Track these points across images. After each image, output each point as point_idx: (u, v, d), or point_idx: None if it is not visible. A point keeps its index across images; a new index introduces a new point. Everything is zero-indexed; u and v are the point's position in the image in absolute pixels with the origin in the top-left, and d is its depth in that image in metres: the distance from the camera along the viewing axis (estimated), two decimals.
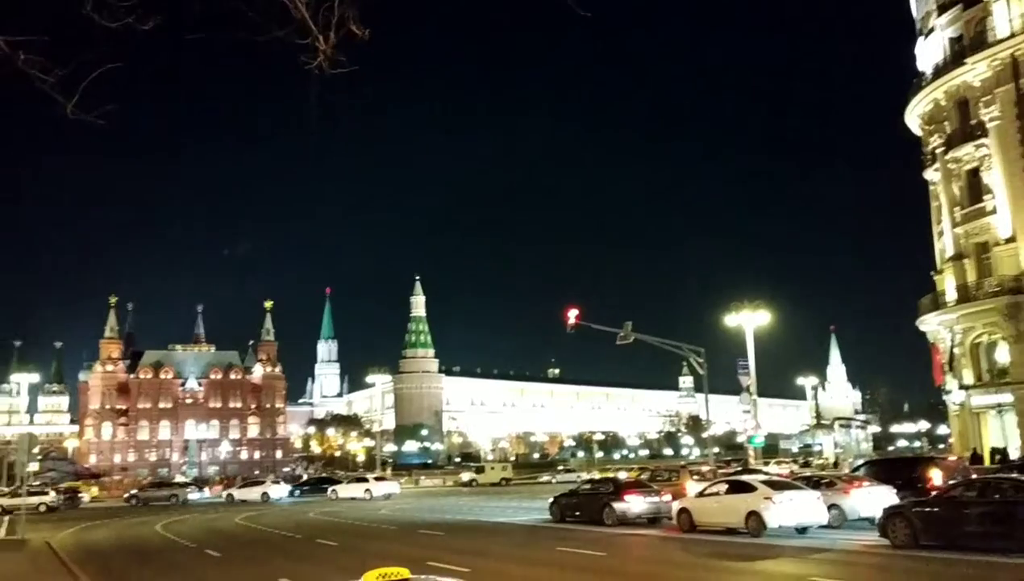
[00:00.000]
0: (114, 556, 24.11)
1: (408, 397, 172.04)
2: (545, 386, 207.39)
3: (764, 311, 42.44)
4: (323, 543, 24.89)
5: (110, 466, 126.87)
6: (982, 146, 44.17)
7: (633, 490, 28.38)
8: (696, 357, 42.57)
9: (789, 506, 21.84)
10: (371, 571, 5.35)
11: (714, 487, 25.13)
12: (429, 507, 43.88)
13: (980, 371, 45.28)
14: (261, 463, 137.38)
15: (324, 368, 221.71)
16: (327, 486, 61.05)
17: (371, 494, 54.75)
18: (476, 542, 24.19)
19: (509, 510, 38.82)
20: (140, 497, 60.71)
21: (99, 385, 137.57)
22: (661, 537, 23.91)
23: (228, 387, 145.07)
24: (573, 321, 38.97)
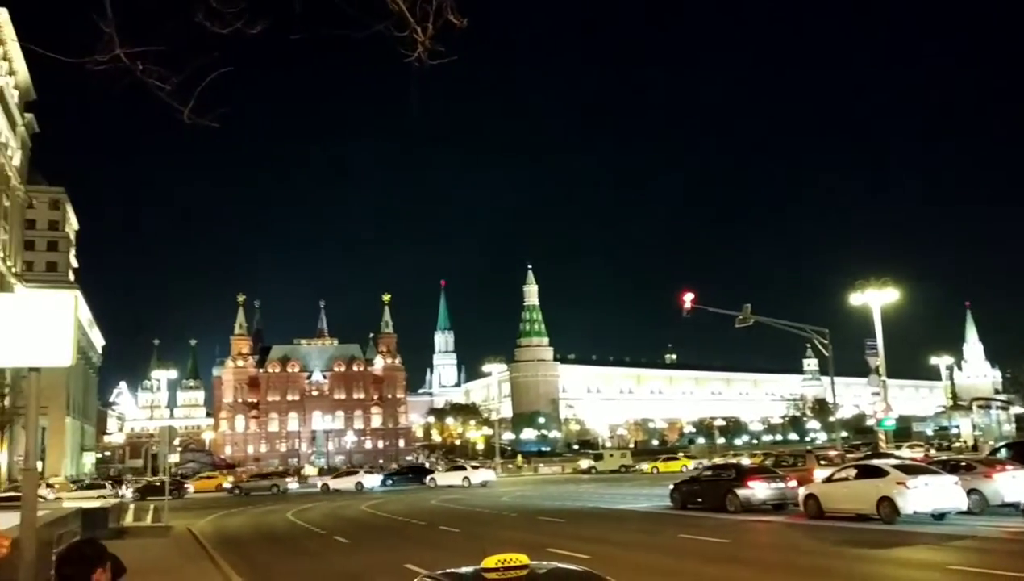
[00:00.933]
0: (249, 542, 25.30)
1: (524, 386, 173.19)
2: (662, 372, 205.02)
3: (892, 288, 40.50)
4: (445, 530, 25.39)
5: (243, 456, 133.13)
6: None
7: (757, 476, 27.72)
8: (820, 338, 41.10)
9: (924, 491, 20.86)
10: (491, 556, 5.39)
11: (842, 472, 24.27)
12: (548, 494, 44.09)
13: None
14: (384, 452, 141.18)
15: (441, 358, 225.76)
16: (416, 476, 63.81)
17: (469, 481, 57.01)
18: (596, 529, 24.13)
19: (629, 497, 38.58)
20: (242, 488, 62.89)
21: (231, 379, 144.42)
22: (787, 524, 23.26)
23: (351, 379, 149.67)
24: (689, 305, 38.25)
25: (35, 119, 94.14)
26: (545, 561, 5.93)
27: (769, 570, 16.16)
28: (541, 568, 5.54)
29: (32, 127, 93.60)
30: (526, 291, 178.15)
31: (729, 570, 16.16)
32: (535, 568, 5.46)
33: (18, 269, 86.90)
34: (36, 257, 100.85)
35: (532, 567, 5.44)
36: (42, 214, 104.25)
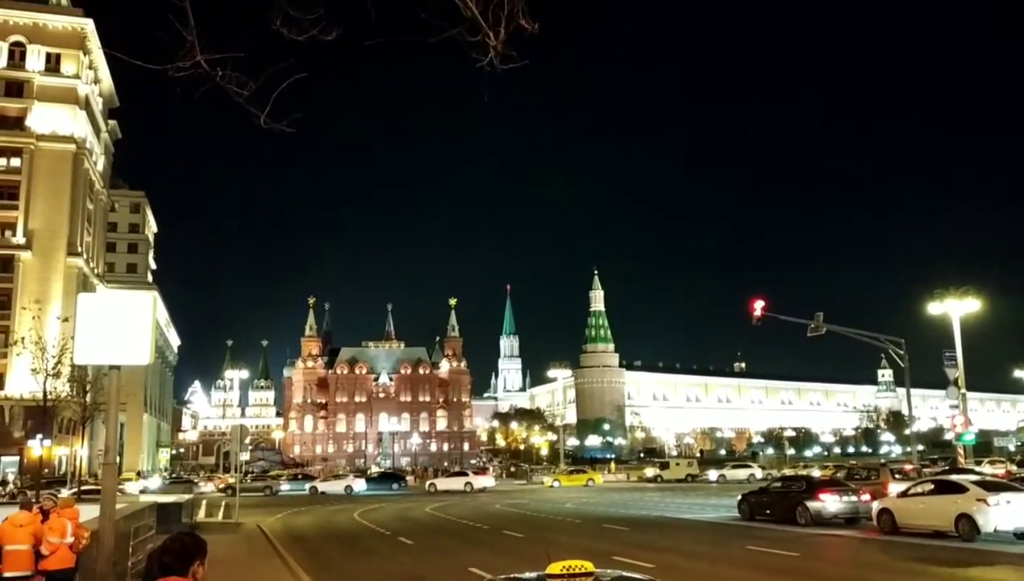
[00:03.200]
0: (316, 541, 25.74)
1: (589, 392, 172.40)
2: (731, 380, 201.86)
3: (973, 298, 39.15)
4: (509, 534, 25.41)
5: (312, 456, 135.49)
6: None
7: (828, 488, 27.02)
8: (896, 349, 39.97)
9: (1006, 509, 20.05)
10: (556, 563, 5.36)
11: (918, 487, 23.50)
12: (613, 502, 43.78)
13: None
14: (449, 455, 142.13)
15: (507, 363, 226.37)
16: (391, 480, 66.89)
17: (471, 487, 58.40)
18: (661, 538, 23.86)
19: (695, 507, 38.04)
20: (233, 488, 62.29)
21: (301, 380, 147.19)
22: (860, 538, 22.61)
23: (417, 382, 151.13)
24: (759, 313, 37.58)
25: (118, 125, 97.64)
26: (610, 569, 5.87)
27: None
28: (606, 575, 5.47)
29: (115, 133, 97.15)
30: (592, 297, 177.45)
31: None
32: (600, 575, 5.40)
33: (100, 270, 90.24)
34: (117, 258, 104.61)
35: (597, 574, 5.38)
36: (123, 217, 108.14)
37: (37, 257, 74.75)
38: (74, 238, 77.54)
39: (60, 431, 66.38)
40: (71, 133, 77.80)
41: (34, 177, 75.96)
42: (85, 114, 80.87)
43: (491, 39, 5.10)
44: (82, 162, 79.80)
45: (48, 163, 76.18)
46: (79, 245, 78.41)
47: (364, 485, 62.91)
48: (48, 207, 76.03)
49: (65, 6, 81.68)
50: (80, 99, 79.62)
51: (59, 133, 77.15)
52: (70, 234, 76.86)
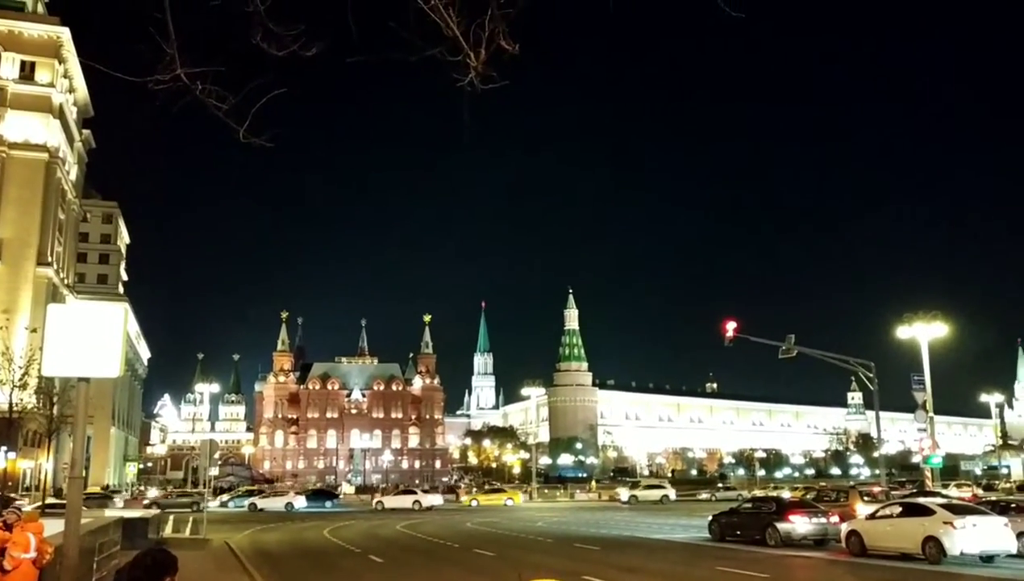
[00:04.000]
0: (285, 558, 25.43)
1: (562, 410, 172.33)
2: (703, 401, 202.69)
3: (941, 323, 39.74)
4: (480, 552, 25.27)
5: (282, 472, 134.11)
6: None
7: (798, 510, 27.19)
8: (865, 372, 40.39)
9: (972, 532, 20.28)
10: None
11: (887, 509, 23.73)
12: (585, 521, 43.71)
13: None
14: (421, 472, 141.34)
15: (480, 380, 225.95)
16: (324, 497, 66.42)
17: (420, 505, 58.65)
18: (632, 558, 23.83)
19: (666, 527, 38.07)
20: (160, 504, 57.58)
21: (272, 395, 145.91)
22: (829, 560, 22.73)
23: (390, 398, 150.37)
24: (731, 334, 37.83)
25: (92, 135, 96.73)
26: None
27: None
28: None
29: (89, 143, 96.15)
30: (567, 315, 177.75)
31: None
32: None
33: (70, 281, 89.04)
34: (88, 269, 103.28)
35: None
36: (95, 228, 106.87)
37: (6, 266, 73.61)
38: (44, 248, 76.46)
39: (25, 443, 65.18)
40: (44, 142, 76.87)
41: (5, 185, 74.88)
42: (59, 123, 79.98)
43: (472, 59, 5.14)
44: (54, 171, 78.84)
45: (20, 171, 75.14)
46: (49, 255, 77.31)
47: (305, 502, 62.15)
48: (19, 216, 74.92)
49: (41, 14, 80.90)
50: (54, 108, 78.75)
51: (32, 141, 76.17)
52: (40, 244, 75.76)
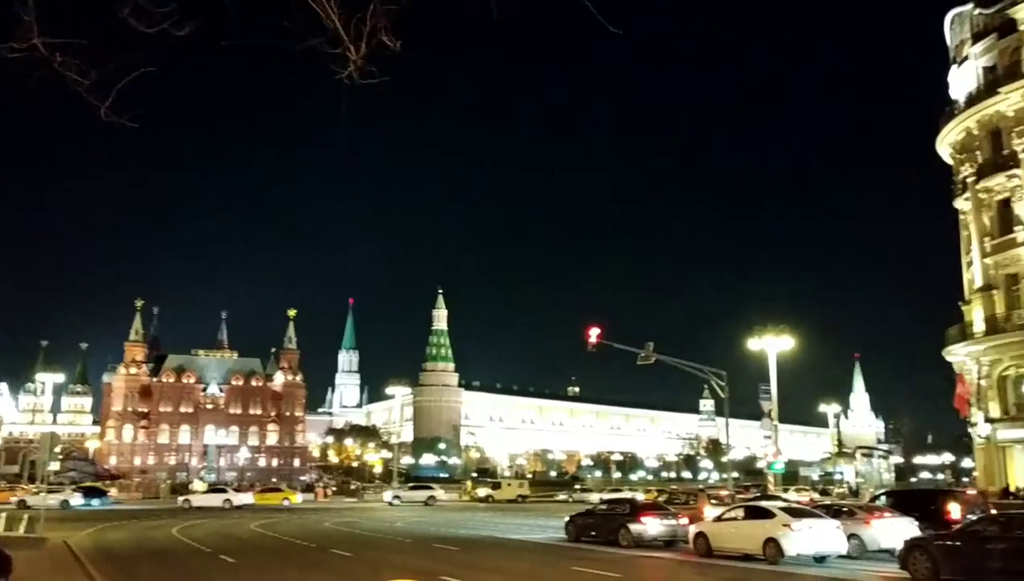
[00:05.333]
0: (130, 558, 24.24)
1: (427, 410, 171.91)
2: (564, 404, 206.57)
3: (788, 336, 42.07)
4: (337, 553, 24.89)
5: (130, 468, 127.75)
6: (1014, 177, 43.66)
7: (650, 512, 28.16)
8: (718, 380, 42.29)
9: (808, 534, 21.57)
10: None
11: (732, 512, 24.88)
12: (444, 521, 43.78)
13: (1007, 404, 44.56)
14: (279, 471, 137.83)
15: (344, 378, 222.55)
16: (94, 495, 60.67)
17: (230, 503, 57.18)
18: (490, 558, 24.06)
19: (525, 527, 38.62)
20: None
21: (122, 387, 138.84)
22: (677, 561, 23.66)
23: (249, 394, 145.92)
24: (595, 339, 38.85)
25: None
26: None
27: None
28: None
29: None
30: (435, 315, 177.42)
31: None
32: None
33: None
34: None
35: None
36: None
37: None
38: None
39: None
40: None
41: None
42: None
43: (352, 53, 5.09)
44: None
45: None
46: None
47: (82, 499, 58.39)
48: None
49: None
50: None
51: None
52: None
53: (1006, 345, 43.39)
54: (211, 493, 61.18)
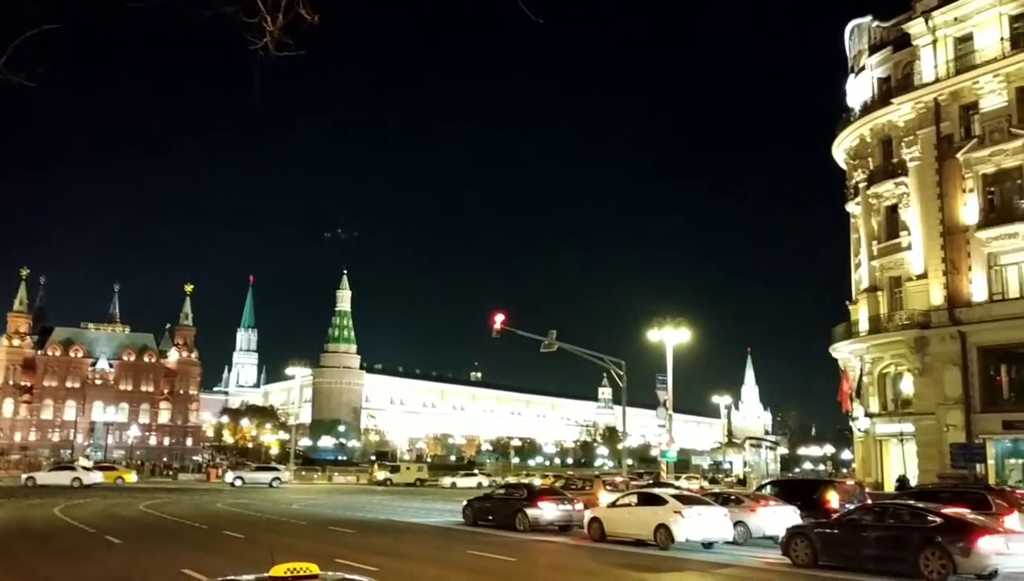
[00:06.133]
0: (8, 539, 23.17)
1: (327, 392, 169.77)
2: (466, 389, 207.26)
3: (685, 329, 43.23)
4: (229, 535, 24.39)
5: (9, 444, 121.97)
6: (902, 184, 45.87)
7: (547, 497, 28.59)
8: (617, 369, 43.12)
9: (697, 521, 22.29)
10: (279, 565, 5.29)
11: (626, 498, 25.47)
12: (342, 504, 43.37)
13: (886, 400, 46.95)
14: (170, 450, 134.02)
15: (242, 357, 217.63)
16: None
17: (80, 482, 55.67)
18: (387, 541, 24.01)
19: (422, 511, 38.66)
20: None
21: (3, 359, 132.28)
22: (571, 545, 24.10)
23: (140, 370, 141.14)
24: (499, 326, 39.05)
25: None
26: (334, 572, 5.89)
27: None
28: (328, 578, 5.50)
29: None
30: (339, 296, 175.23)
31: None
32: (324, 577, 5.42)
33: None
34: None
35: (322, 576, 5.40)
36: None
37: None
38: None
39: None
40: None
41: None
42: None
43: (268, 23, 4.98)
44: None
45: None
46: None
47: None
48: None
49: None
50: None
51: None
52: None
53: (887, 344, 45.65)
54: (58, 471, 59.00)
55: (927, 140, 44.02)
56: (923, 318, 43.14)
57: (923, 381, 43.17)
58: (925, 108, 44.19)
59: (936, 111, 43.69)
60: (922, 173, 44.20)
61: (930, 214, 43.54)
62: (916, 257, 44.45)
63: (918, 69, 44.90)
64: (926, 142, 44.06)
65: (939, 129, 43.52)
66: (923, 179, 44.09)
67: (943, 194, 42.88)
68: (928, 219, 43.67)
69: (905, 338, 43.85)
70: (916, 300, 44.19)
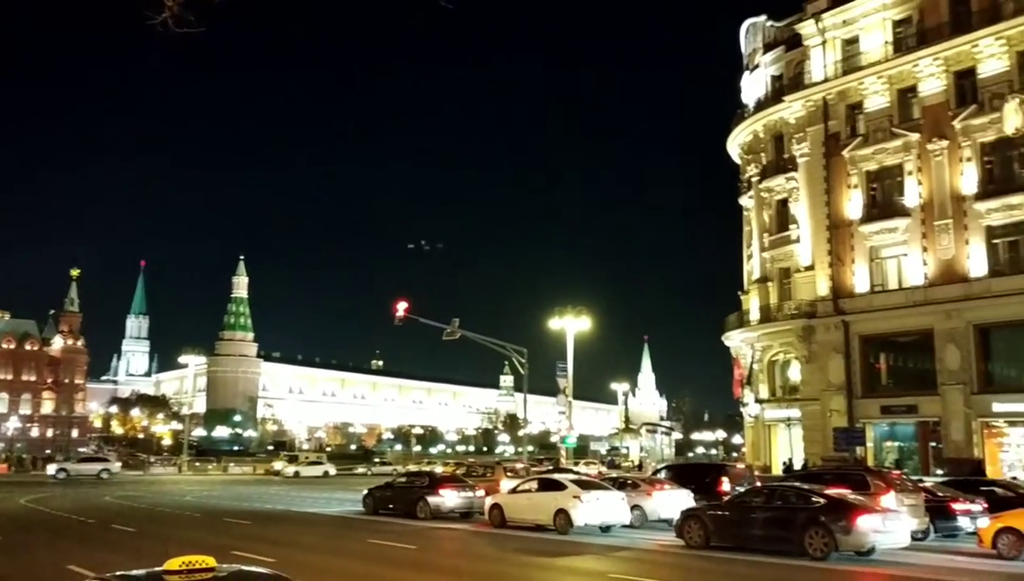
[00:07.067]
0: None
1: (222, 381, 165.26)
2: (367, 377, 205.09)
3: (586, 318, 43.96)
4: (119, 528, 23.56)
5: None
6: (792, 179, 47.75)
7: (448, 485, 28.70)
8: (519, 357, 43.51)
9: (596, 505, 22.75)
10: (174, 559, 5.19)
11: (526, 485, 25.79)
12: (238, 495, 42.42)
13: (774, 387, 48.95)
14: (55, 441, 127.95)
15: (132, 345, 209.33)
16: None
17: None
18: (285, 532, 23.65)
19: (322, 501, 38.20)
20: None
21: None
22: (472, 532, 24.27)
23: (22, 358, 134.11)
24: (402, 314, 38.91)
25: None
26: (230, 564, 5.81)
27: (449, 575, 16.88)
28: (225, 571, 5.43)
29: None
30: (235, 282, 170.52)
31: (413, 575, 16.67)
32: (220, 570, 5.35)
33: None
34: None
35: (218, 569, 5.32)
36: None
37: None
38: None
39: None
40: None
41: None
42: None
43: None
44: None
45: None
46: None
47: None
48: None
49: None
50: None
51: None
52: None
53: (777, 333, 47.55)
54: None
55: (816, 137, 45.94)
56: (810, 308, 45.10)
57: (809, 368, 45.18)
58: (814, 106, 46.08)
59: (824, 109, 45.63)
60: (811, 169, 46.11)
61: (817, 208, 45.48)
62: (804, 249, 46.39)
63: (808, 69, 46.76)
64: (815, 139, 45.97)
65: (827, 127, 45.49)
66: (811, 175, 46.01)
67: (830, 189, 44.87)
68: (816, 213, 45.61)
69: (793, 327, 45.76)
70: (804, 291, 46.14)
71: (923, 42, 41.58)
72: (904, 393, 42.05)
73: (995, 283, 38.43)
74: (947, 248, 40.03)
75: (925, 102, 41.61)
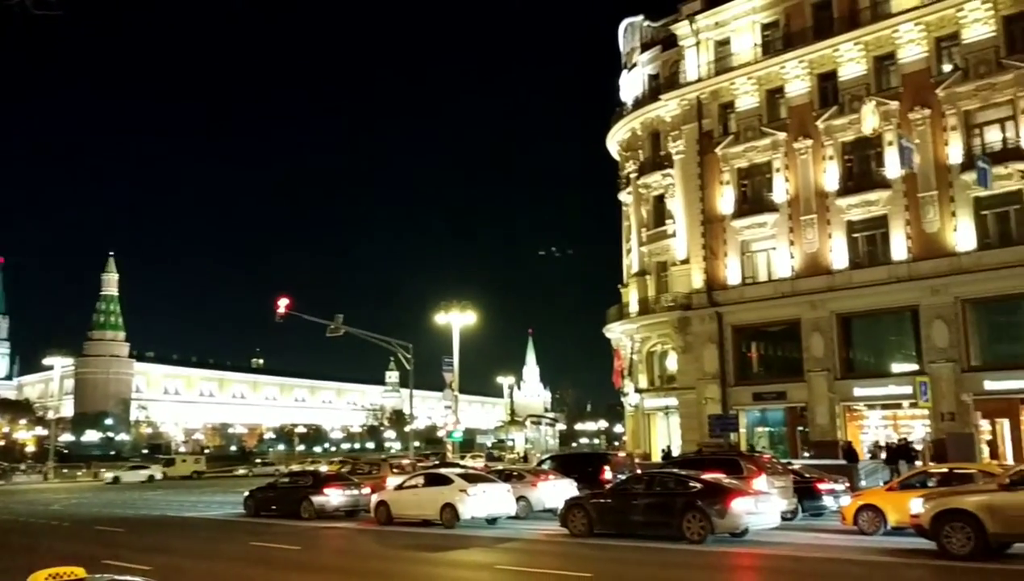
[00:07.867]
0: None
1: (92, 383, 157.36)
2: (247, 377, 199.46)
3: (471, 312, 44.26)
4: None
5: None
6: (668, 175, 49.26)
7: (333, 483, 28.33)
8: (404, 352, 43.37)
9: (482, 498, 22.95)
10: (40, 572, 5.00)
11: (413, 480, 25.74)
12: (111, 501, 40.60)
13: (653, 377, 50.45)
14: None
15: None
16: None
17: None
18: (160, 539, 22.83)
19: (201, 504, 37.04)
20: None
21: None
22: (358, 529, 24.06)
23: None
24: (283, 310, 38.13)
25: None
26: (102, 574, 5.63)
27: (334, 574, 16.72)
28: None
29: None
30: (104, 280, 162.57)
31: (297, 576, 16.41)
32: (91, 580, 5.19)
33: None
34: None
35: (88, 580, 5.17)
36: None
37: None
38: None
39: None
40: None
41: None
42: None
43: None
44: None
45: None
46: None
47: None
48: None
49: None
50: None
51: None
52: None
53: (655, 324, 49.00)
54: None
55: (691, 135, 47.53)
56: (686, 300, 46.69)
57: (685, 358, 46.78)
58: (689, 105, 47.66)
59: (698, 108, 47.27)
60: (686, 166, 47.68)
61: (692, 204, 47.08)
62: (680, 244, 47.95)
63: (683, 68, 48.32)
64: (690, 137, 47.56)
65: (701, 125, 47.13)
66: (687, 171, 47.59)
67: (704, 185, 46.53)
68: (690, 208, 47.20)
69: (670, 319, 47.26)
70: (680, 283, 47.71)
71: (789, 45, 43.60)
72: (774, 380, 44.10)
73: (855, 275, 40.74)
74: (812, 242, 42.18)
75: (791, 103, 43.67)
